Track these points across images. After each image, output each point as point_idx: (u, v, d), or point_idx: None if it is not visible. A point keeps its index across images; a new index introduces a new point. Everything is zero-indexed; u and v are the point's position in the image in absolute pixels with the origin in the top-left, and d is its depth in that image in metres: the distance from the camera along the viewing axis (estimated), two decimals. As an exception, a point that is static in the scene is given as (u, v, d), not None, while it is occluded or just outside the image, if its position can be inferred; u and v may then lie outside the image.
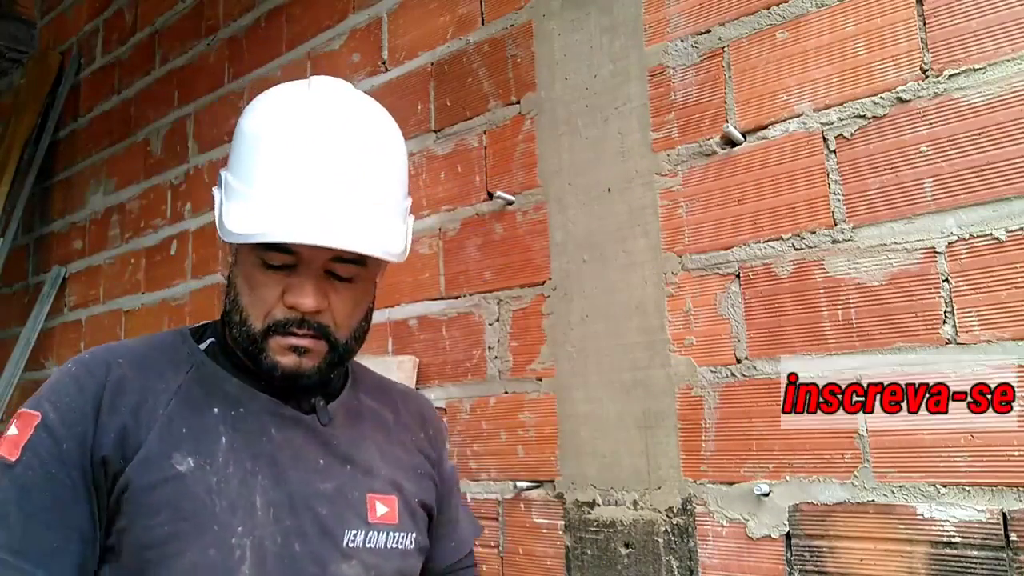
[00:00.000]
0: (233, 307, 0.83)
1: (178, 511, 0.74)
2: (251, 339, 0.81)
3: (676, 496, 1.24)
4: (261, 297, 0.81)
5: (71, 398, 0.76)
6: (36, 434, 0.74)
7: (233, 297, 0.83)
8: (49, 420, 0.75)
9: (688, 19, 1.31)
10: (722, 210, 1.24)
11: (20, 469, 0.73)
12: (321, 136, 0.78)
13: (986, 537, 0.96)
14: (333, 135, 0.78)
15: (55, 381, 0.79)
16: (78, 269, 2.94)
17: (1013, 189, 0.98)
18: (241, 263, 0.82)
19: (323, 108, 0.80)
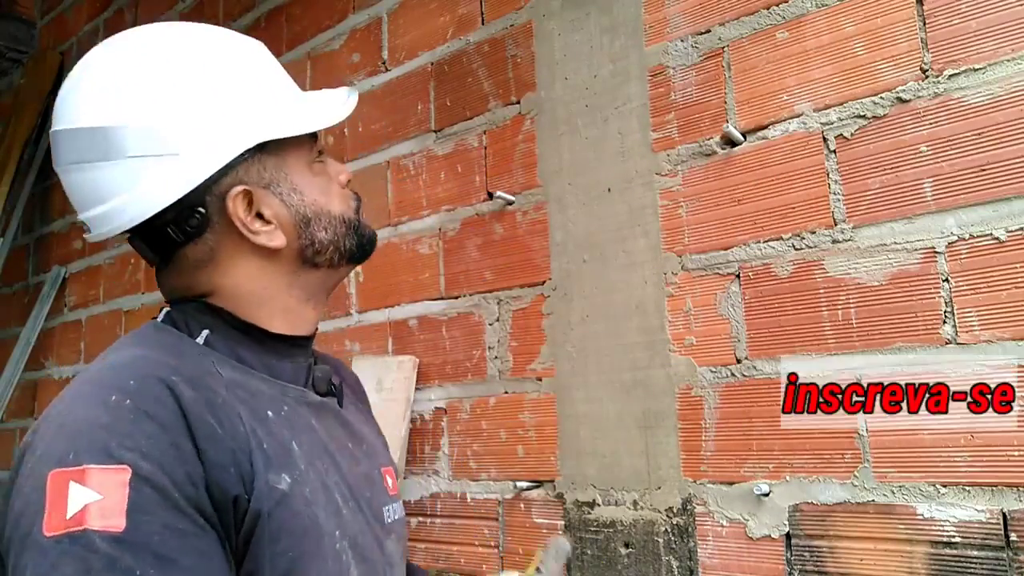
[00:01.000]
0: (315, 224, 0.80)
1: (293, 534, 0.68)
2: (350, 227, 0.84)
3: (676, 496, 1.24)
4: (331, 189, 0.84)
5: (154, 438, 0.62)
6: (135, 491, 0.58)
7: (305, 217, 0.80)
8: (144, 471, 0.59)
9: (688, 19, 1.31)
10: (722, 210, 1.24)
11: (137, 536, 0.57)
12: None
13: (986, 537, 0.96)
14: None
15: (114, 421, 0.61)
16: (78, 269, 2.94)
17: (1013, 189, 0.98)
18: (304, 186, 0.80)
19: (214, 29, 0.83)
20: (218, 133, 0.74)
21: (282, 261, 0.80)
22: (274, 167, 0.78)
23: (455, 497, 1.55)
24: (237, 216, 0.75)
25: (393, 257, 1.73)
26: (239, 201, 0.75)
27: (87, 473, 0.58)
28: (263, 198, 0.77)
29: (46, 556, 0.56)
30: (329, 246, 0.82)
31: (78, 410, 0.63)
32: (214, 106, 0.75)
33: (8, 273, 3.25)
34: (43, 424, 0.64)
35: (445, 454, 1.58)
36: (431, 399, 1.62)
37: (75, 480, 0.58)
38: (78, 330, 2.90)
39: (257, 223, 0.77)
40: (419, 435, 1.63)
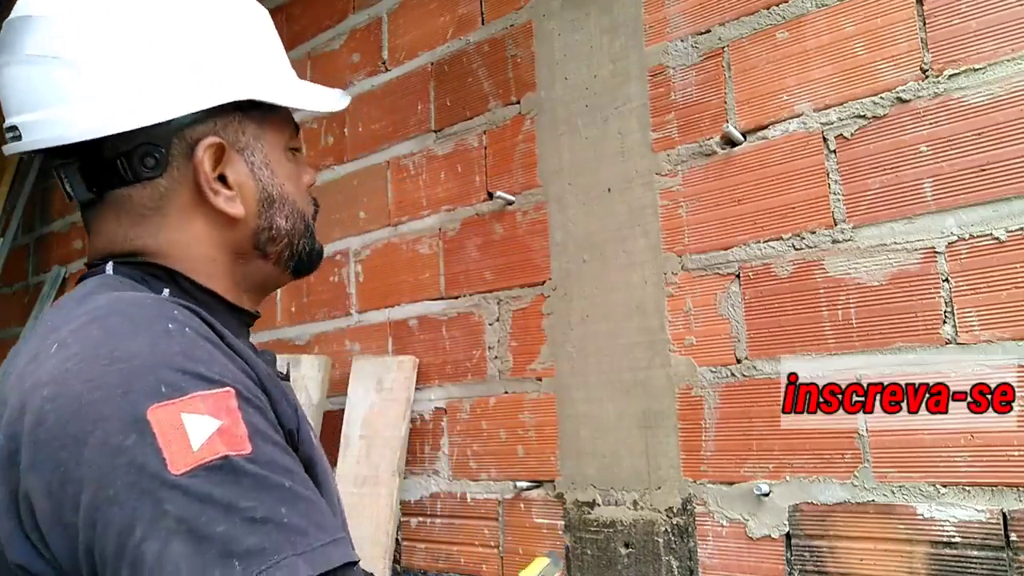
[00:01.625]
0: (289, 213, 0.74)
1: (327, 495, 0.64)
2: (307, 229, 0.78)
3: (676, 496, 1.24)
4: (301, 184, 0.78)
5: (232, 361, 0.59)
6: (246, 413, 0.55)
7: (284, 204, 0.74)
8: (243, 391, 0.56)
9: (688, 19, 1.31)
10: (722, 210, 1.24)
11: (265, 455, 0.54)
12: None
13: (986, 537, 0.96)
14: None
15: (187, 347, 0.56)
16: (78, 269, 2.94)
17: (1013, 189, 0.98)
18: (276, 165, 0.74)
19: None
20: (209, 73, 0.67)
21: (234, 236, 0.71)
22: (253, 134, 0.72)
23: (455, 497, 1.55)
24: (203, 169, 0.67)
25: (393, 257, 1.73)
26: (209, 153, 0.67)
27: (196, 400, 0.53)
28: (233, 161, 0.70)
29: (189, 495, 0.49)
30: (284, 237, 0.75)
31: (132, 344, 0.55)
32: (212, 45, 0.68)
33: (8, 273, 3.25)
34: (74, 371, 0.54)
35: (445, 454, 1.58)
36: (431, 399, 1.62)
37: (186, 411, 0.52)
38: (78, 330, 2.89)
39: (219, 184, 0.69)
40: (419, 435, 1.63)
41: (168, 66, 0.65)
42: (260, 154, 0.72)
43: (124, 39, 0.64)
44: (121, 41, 0.64)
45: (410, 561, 1.60)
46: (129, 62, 0.64)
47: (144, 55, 0.64)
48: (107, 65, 0.63)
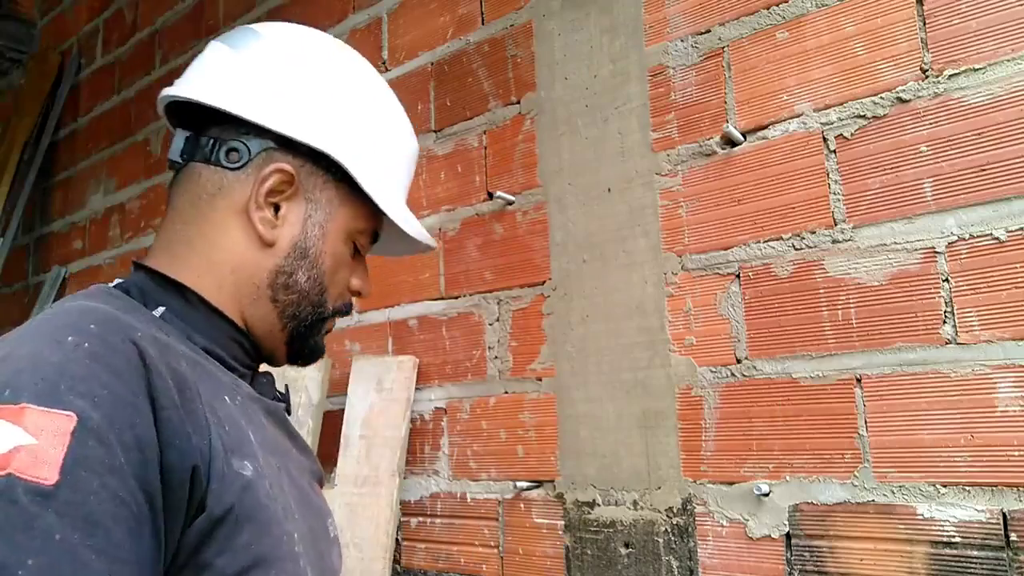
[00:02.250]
0: (313, 280, 0.76)
1: (258, 527, 0.61)
2: (319, 318, 0.79)
3: (676, 496, 1.24)
4: (343, 278, 0.80)
5: (110, 389, 0.53)
6: (79, 443, 0.50)
7: (314, 270, 0.76)
8: (92, 422, 0.51)
9: (688, 19, 1.31)
10: (722, 210, 1.24)
11: (70, 495, 0.48)
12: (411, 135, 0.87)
13: (986, 537, 0.96)
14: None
15: (66, 361, 0.53)
16: (78, 269, 2.94)
17: (1013, 189, 0.98)
18: (330, 237, 0.77)
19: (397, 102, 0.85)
20: (330, 125, 0.74)
21: (256, 260, 0.74)
22: (328, 198, 0.76)
23: (455, 497, 1.55)
24: (262, 184, 0.72)
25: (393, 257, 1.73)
26: (276, 176, 0.72)
27: (24, 412, 0.50)
28: (294, 200, 0.74)
29: None
30: (296, 295, 0.76)
31: (25, 346, 0.55)
32: (352, 112, 0.77)
33: (8, 273, 3.25)
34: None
35: (445, 454, 1.58)
36: (431, 399, 1.62)
37: (7, 418, 0.50)
38: (78, 330, 2.89)
39: (267, 208, 0.73)
40: (419, 435, 1.63)
41: (303, 97, 0.74)
42: (322, 216, 0.76)
43: (289, 63, 0.75)
44: (284, 62, 0.74)
45: (410, 561, 1.60)
46: (279, 75, 0.74)
47: (294, 80, 0.74)
48: (261, 68, 0.74)
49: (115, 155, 2.83)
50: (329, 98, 0.75)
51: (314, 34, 0.80)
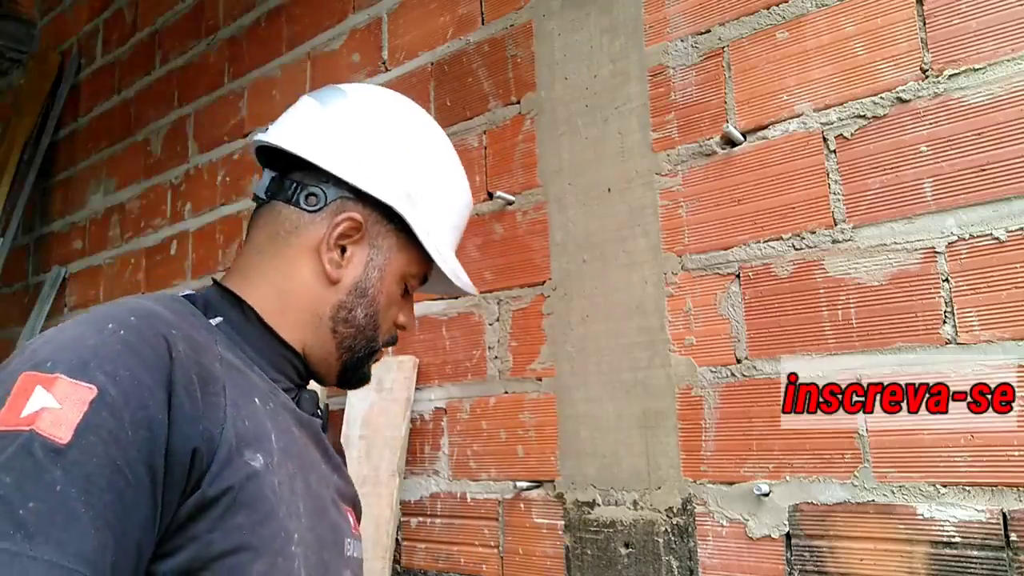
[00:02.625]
0: (369, 316, 0.86)
1: (255, 514, 0.66)
2: (370, 351, 0.88)
3: (676, 496, 1.24)
4: (393, 315, 0.90)
5: (132, 372, 0.60)
6: (94, 413, 0.57)
7: (371, 307, 0.86)
8: (109, 397, 0.58)
9: (688, 19, 1.31)
10: (722, 210, 1.24)
11: (78, 455, 0.55)
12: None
13: (986, 537, 0.96)
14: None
15: (101, 345, 0.61)
16: (78, 269, 2.94)
17: (1013, 189, 0.98)
18: (387, 279, 0.87)
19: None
20: (399, 182, 0.84)
21: (322, 296, 0.83)
22: (389, 245, 0.86)
23: (455, 497, 1.55)
24: (335, 228, 0.82)
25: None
26: (347, 223, 0.82)
27: (56, 381, 0.58)
28: (360, 245, 0.84)
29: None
30: (354, 327, 0.86)
31: (71, 329, 0.64)
32: (417, 169, 0.87)
33: (8, 273, 3.25)
34: (36, 339, 0.64)
35: (445, 454, 1.58)
36: (431, 399, 1.62)
37: (43, 385, 0.58)
38: (78, 330, 2.89)
39: (336, 250, 0.83)
40: (419, 435, 1.63)
41: (376, 156, 0.84)
42: (381, 260, 0.86)
43: (369, 125, 0.85)
44: (367, 126, 0.85)
45: (410, 561, 1.60)
46: (361, 138, 0.84)
47: (371, 139, 0.84)
48: (342, 128, 0.84)
49: (115, 155, 2.83)
50: (399, 156, 0.85)
51: (393, 97, 0.92)
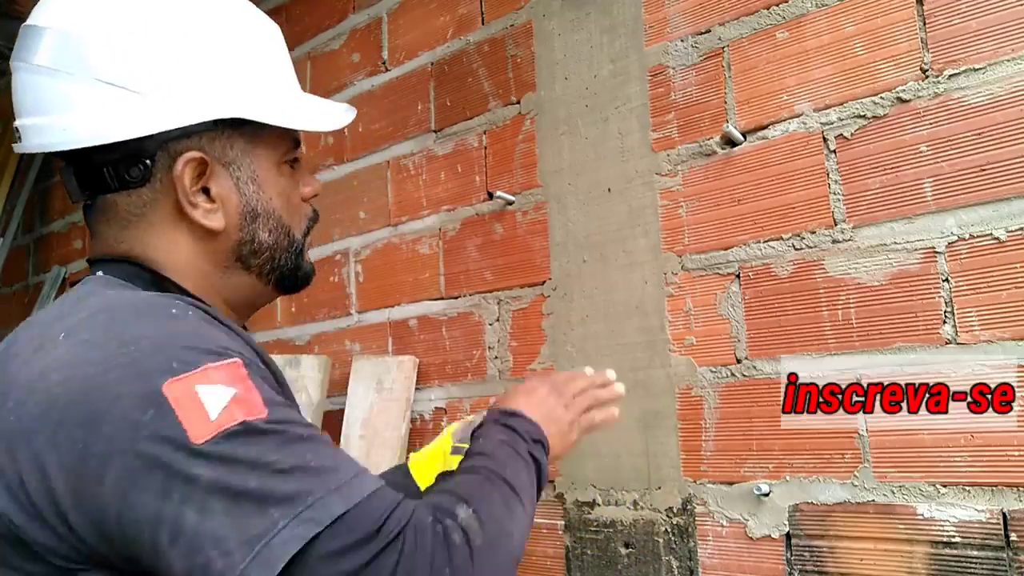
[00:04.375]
0: (274, 228, 0.76)
1: None
2: (297, 252, 0.79)
3: (676, 496, 1.24)
4: (294, 203, 0.79)
5: (232, 338, 0.62)
6: (255, 379, 0.58)
7: (270, 219, 0.76)
8: (245, 359, 0.60)
9: (688, 19, 1.31)
10: (722, 210, 1.24)
11: (278, 415, 0.57)
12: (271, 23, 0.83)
13: (986, 537, 0.96)
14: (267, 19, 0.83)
15: (196, 328, 0.61)
16: (78, 269, 2.94)
17: (1013, 189, 0.98)
18: (263, 181, 0.75)
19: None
20: (197, 90, 0.69)
21: (216, 248, 0.74)
22: (242, 149, 0.74)
23: (455, 497, 1.55)
24: (182, 182, 0.69)
25: (393, 257, 1.73)
26: (190, 167, 0.69)
27: (208, 372, 0.56)
28: (217, 175, 0.72)
29: (215, 460, 0.53)
30: (266, 251, 0.77)
31: (139, 328, 0.59)
32: (203, 61, 0.71)
33: (8, 273, 3.25)
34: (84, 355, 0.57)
35: (445, 454, 1.58)
36: (431, 399, 1.62)
37: (200, 382, 0.55)
38: (78, 330, 2.89)
39: (200, 197, 0.71)
40: (419, 435, 1.62)
41: (157, 82, 0.68)
42: (247, 169, 0.74)
43: (119, 54, 0.67)
44: (116, 56, 0.67)
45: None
46: (122, 83, 0.67)
47: (138, 77, 0.67)
48: (102, 79, 0.67)
49: (115, 155, 2.83)
50: (177, 59, 0.70)
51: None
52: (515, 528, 0.72)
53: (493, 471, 0.76)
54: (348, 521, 0.55)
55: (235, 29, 0.76)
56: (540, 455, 0.86)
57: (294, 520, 0.53)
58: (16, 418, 0.56)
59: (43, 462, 0.54)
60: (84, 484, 0.54)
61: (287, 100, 0.78)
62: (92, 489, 0.53)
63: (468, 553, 0.61)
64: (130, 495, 0.53)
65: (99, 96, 0.67)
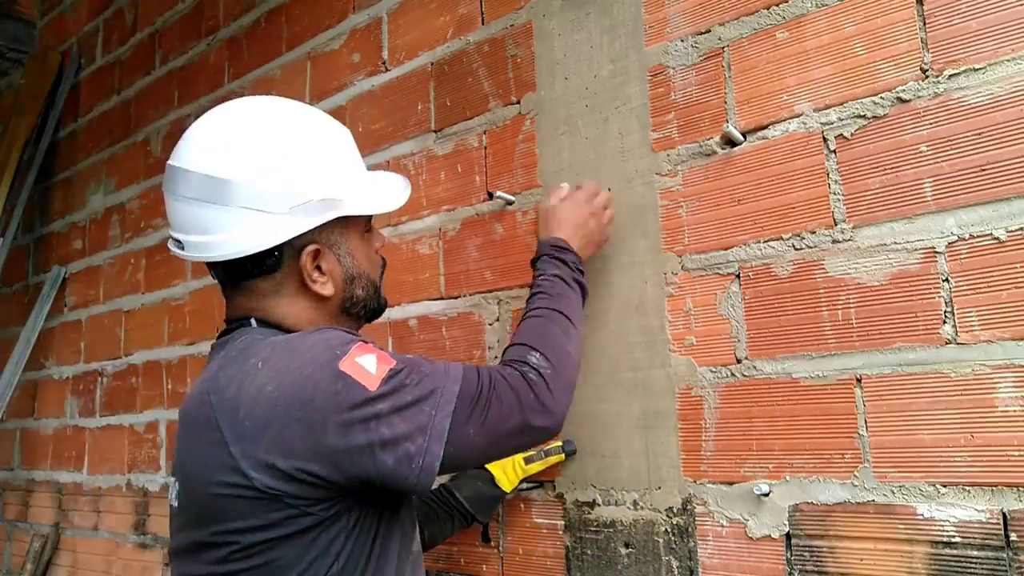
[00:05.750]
0: (365, 285, 1.06)
1: None
2: (375, 291, 1.10)
3: (676, 496, 1.24)
4: (371, 257, 1.09)
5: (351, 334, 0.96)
6: (378, 346, 0.93)
7: (362, 279, 1.05)
8: (367, 340, 0.95)
9: (688, 19, 1.31)
10: (722, 210, 1.24)
11: (401, 361, 0.91)
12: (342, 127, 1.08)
13: (986, 537, 0.96)
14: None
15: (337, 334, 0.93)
16: (78, 269, 2.94)
17: (1013, 189, 0.98)
18: (357, 252, 1.04)
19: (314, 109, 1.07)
20: (313, 203, 0.95)
21: (328, 306, 1.03)
22: (339, 233, 1.02)
23: (455, 497, 1.55)
24: (305, 267, 0.98)
25: (393, 257, 1.73)
26: (310, 255, 0.98)
27: (357, 349, 0.88)
28: (326, 255, 1.00)
29: (388, 395, 0.86)
30: (360, 302, 1.07)
31: (308, 343, 0.90)
32: (311, 177, 0.96)
33: (8, 273, 3.25)
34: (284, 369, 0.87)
35: (445, 454, 1.58)
36: (431, 399, 1.62)
37: (357, 356, 0.87)
38: (78, 330, 2.90)
39: (316, 273, 0.99)
40: (419, 435, 1.62)
41: (283, 202, 0.94)
42: (345, 247, 1.03)
43: (254, 188, 0.92)
44: (252, 190, 0.92)
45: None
46: (257, 207, 0.93)
47: (267, 202, 0.93)
48: (242, 210, 0.93)
49: (115, 155, 2.83)
50: (293, 181, 0.94)
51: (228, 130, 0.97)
52: (572, 348, 1.08)
53: (552, 309, 1.10)
54: (464, 395, 0.90)
55: (331, 142, 1.02)
56: (583, 279, 1.20)
57: (438, 407, 0.88)
58: (251, 423, 0.84)
59: (285, 441, 0.83)
60: (317, 443, 0.83)
61: (366, 188, 1.04)
62: (323, 445, 0.83)
63: (544, 383, 0.98)
64: (349, 437, 0.84)
65: (242, 219, 0.93)
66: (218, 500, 0.85)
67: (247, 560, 0.85)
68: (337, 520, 0.88)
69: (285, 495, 0.83)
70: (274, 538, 0.85)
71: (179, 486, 0.94)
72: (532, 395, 0.96)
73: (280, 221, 0.93)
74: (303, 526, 0.85)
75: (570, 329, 1.10)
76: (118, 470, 2.59)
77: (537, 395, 0.96)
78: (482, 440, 0.91)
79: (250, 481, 0.83)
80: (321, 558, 0.87)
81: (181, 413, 0.97)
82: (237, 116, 0.98)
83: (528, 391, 0.96)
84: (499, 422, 0.92)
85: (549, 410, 0.97)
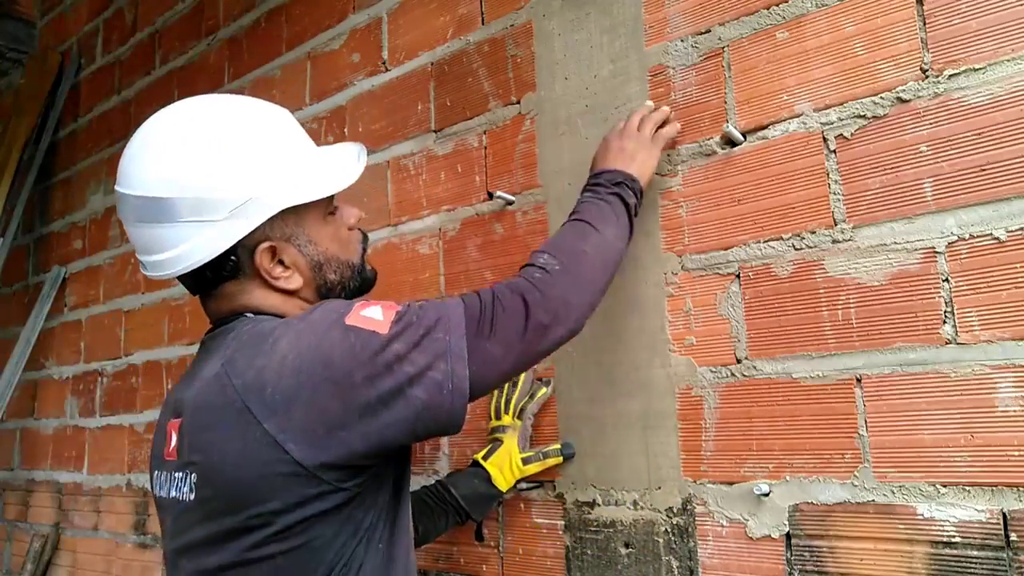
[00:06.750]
0: (337, 267, 1.05)
1: None
2: (353, 270, 1.08)
3: (676, 496, 1.24)
4: (344, 237, 1.07)
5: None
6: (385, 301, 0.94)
7: (332, 262, 1.04)
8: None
9: (688, 19, 1.31)
10: (722, 210, 1.24)
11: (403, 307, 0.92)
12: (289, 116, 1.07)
13: (986, 537, 0.96)
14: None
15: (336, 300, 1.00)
16: (78, 269, 2.94)
17: (1013, 189, 0.98)
18: (320, 237, 1.02)
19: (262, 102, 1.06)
20: (251, 202, 0.93)
21: (300, 297, 1.03)
22: (294, 223, 0.99)
23: (455, 497, 1.55)
24: (263, 266, 0.97)
25: (393, 257, 1.73)
26: (265, 254, 0.97)
27: (360, 304, 0.91)
28: (284, 249, 0.99)
29: (400, 335, 0.87)
30: (337, 285, 1.05)
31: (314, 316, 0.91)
32: (248, 175, 0.94)
33: (8, 273, 3.25)
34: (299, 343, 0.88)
35: (445, 454, 1.58)
36: (431, 399, 1.61)
37: (360, 310, 0.89)
38: (78, 330, 2.90)
39: (278, 269, 0.98)
40: (419, 435, 1.62)
41: (224, 207, 0.93)
42: (303, 236, 1.01)
43: (194, 201, 0.92)
44: (191, 203, 0.92)
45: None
46: (200, 218, 0.93)
47: (209, 211, 0.93)
48: (187, 223, 0.93)
49: (115, 155, 2.83)
50: (230, 184, 0.93)
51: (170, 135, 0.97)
52: (588, 247, 1.05)
53: (574, 220, 1.09)
54: (470, 314, 0.91)
55: (261, 134, 0.98)
56: (622, 190, 1.15)
57: (449, 331, 0.89)
58: (281, 396, 0.84)
59: (318, 405, 0.84)
60: (348, 397, 0.84)
61: (314, 171, 1.01)
62: (354, 397, 0.84)
63: (549, 279, 0.97)
64: (378, 384, 0.85)
65: (188, 232, 0.93)
66: (256, 481, 0.85)
67: (285, 542, 0.86)
68: (364, 498, 0.90)
69: (323, 466, 0.84)
70: (311, 516, 0.86)
71: (195, 478, 0.90)
72: (537, 293, 0.94)
73: (223, 227, 0.93)
74: (336, 502, 0.87)
75: (587, 230, 1.06)
76: (118, 470, 2.59)
77: (542, 292, 0.94)
78: (499, 351, 0.90)
79: (288, 454, 0.83)
80: (352, 537, 0.89)
81: (188, 405, 0.93)
82: (163, 129, 0.97)
83: (532, 290, 0.95)
84: (509, 328, 0.91)
85: (555, 306, 0.95)
